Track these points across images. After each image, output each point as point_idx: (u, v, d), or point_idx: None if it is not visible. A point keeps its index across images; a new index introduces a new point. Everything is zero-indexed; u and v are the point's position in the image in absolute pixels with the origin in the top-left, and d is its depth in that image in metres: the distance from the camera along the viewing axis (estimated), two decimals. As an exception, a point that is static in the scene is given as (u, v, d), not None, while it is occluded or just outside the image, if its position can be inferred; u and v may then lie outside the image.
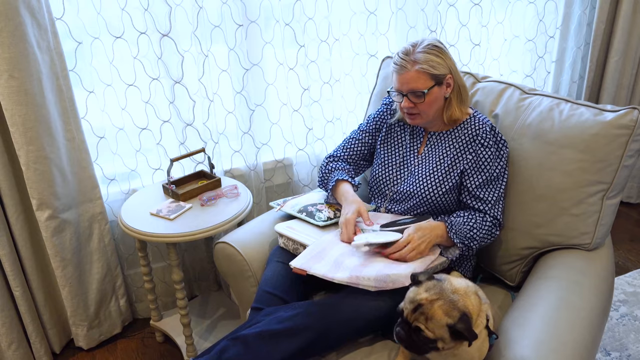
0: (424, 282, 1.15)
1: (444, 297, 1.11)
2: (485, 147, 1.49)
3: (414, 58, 1.44)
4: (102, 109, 1.88)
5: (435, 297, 1.11)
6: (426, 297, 1.11)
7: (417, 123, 1.56)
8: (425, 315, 1.10)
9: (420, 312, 1.10)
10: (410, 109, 1.50)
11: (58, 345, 2.02)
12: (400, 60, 1.46)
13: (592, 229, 1.44)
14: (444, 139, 1.56)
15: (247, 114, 2.05)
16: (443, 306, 1.09)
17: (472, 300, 1.13)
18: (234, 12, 1.88)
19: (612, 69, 2.60)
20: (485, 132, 1.49)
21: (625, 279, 2.29)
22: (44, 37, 1.62)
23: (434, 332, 1.09)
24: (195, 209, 1.76)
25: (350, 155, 1.71)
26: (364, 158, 1.73)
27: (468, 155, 1.50)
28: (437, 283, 1.14)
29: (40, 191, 1.72)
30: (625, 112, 1.38)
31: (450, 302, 1.10)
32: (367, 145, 1.71)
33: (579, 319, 1.23)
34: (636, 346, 1.93)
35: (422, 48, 1.45)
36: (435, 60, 1.45)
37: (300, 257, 1.39)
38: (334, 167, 1.68)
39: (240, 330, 1.31)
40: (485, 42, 2.40)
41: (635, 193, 2.90)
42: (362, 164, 1.74)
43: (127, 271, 2.14)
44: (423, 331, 1.10)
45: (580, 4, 2.49)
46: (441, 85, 1.48)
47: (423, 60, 1.44)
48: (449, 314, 1.09)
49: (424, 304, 1.10)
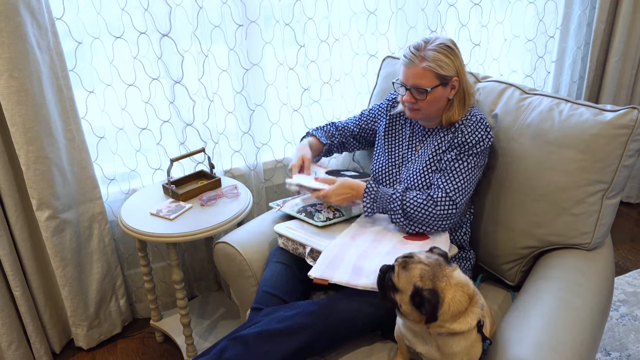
0: (434, 253, 1.20)
1: (432, 269, 1.14)
2: (463, 134, 1.48)
3: (423, 54, 1.44)
4: (102, 109, 1.88)
5: (426, 262, 1.15)
6: (420, 257, 1.16)
7: (414, 117, 1.57)
8: (405, 265, 1.15)
9: (404, 261, 1.16)
10: (411, 104, 1.50)
11: (58, 345, 2.03)
12: (409, 54, 1.46)
13: (592, 228, 1.44)
14: (441, 136, 1.56)
15: (247, 114, 2.05)
16: (424, 271, 1.13)
17: (456, 295, 1.12)
18: (234, 12, 1.88)
19: (612, 69, 2.60)
20: (479, 133, 1.48)
21: (625, 279, 2.29)
22: (44, 37, 1.62)
23: (399, 281, 1.14)
24: (195, 209, 1.76)
25: (344, 129, 1.80)
26: (355, 138, 1.80)
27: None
28: (441, 261, 1.17)
29: (40, 191, 1.72)
30: (624, 111, 1.38)
31: (434, 275, 1.13)
32: (359, 128, 1.78)
33: (579, 319, 1.23)
34: (636, 346, 1.93)
35: (434, 46, 1.44)
36: (444, 61, 1.44)
37: (317, 266, 1.37)
38: (323, 127, 1.81)
39: (240, 330, 1.31)
40: (485, 42, 2.40)
41: (635, 193, 2.90)
42: (352, 142, 1.81)
43: (127, 271, 2.14)
44: (393, 273, 1.15)
45: (580, 4, 2.49)
46: (446, 86, 1.47)
47: (432, 58, 1.43)
48: (423, 279, 1.12)
49: (414, 258, 1.16)
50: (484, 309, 1.22)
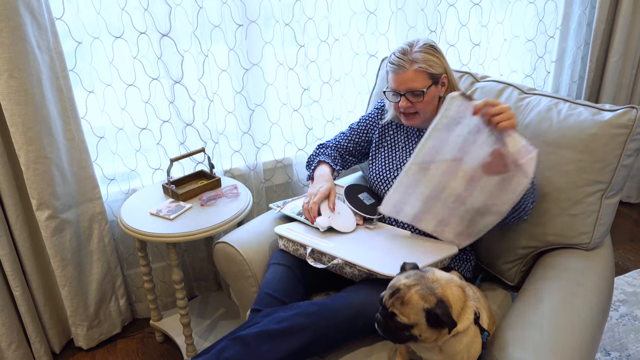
0: (407, 270, 1.15)
1: (422, 284, 1.10)
2: None
3: (412, 57, 1.45)
4: (102, 108, 1.88)
5: (413, 283, 1.10)
6: (404, 283, 1.11)
7: (413, 123, 1.56)
8: (401, 300, 1.09)
9: (396, 297, 1.10)
10: (407, 109, 1.51)
11: (58, 345, 2.03)
12: (397, 60, 1.47)
13: (591, 228, 1.44)
14: None
15: (247, 113, 2.05)
16: (420, 291, 1.09)
17: (454, 291, 1.12)
18: (233, 12, 1.88)
19: (611, 68, 2.61)
20: None
21: (625, 279, 2.29)
22: (44, 37, 1.62)
23: (409, 317, 1.09)
24: (195, 209, 1.76)
25: (338, 148, 1.78)
26: (351, 154, 1.78)
27: None
28: (419, 272, 1.14)
29: (40, 191, 1.72)
30: (623, 111, 1.38)
31: (429, 288, 1.10)
32: (353, 144, 1.76)
33: (579, 319, 1.22)
34: (636, 346, 1.93)
35: (419, 47, 1.46)
36: (432, 60, 1.46)
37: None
38: (322, 152, 1.76)
39: (240, 330, 1.31)
40: (485, 42, 2.40)
41: (635, 193, 2.90)
42: (349, 158, 1.79)
43: (127, 271, 2.14)
44: (397, 316, 1.09)
45: (580, 4, 2.49)
46: (437, 84, 1.50)
47: (421, 59, 1.45)
48: (425, 298, 1.08)
49: (401, 288, 1.10)
50: (477, 300, 1.22)
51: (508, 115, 1.25)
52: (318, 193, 1.55)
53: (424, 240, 1.52)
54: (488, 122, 1.27)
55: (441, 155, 1.37)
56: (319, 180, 1.63)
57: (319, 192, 1.55)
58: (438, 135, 1.35)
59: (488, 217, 1.40)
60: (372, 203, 1.65)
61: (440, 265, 1.45)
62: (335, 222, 1.52)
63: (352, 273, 1.39)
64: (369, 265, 1.33)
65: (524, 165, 1.26)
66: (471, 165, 1.34)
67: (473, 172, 1.35)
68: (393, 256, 1.39)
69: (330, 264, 1.39)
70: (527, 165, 1.26)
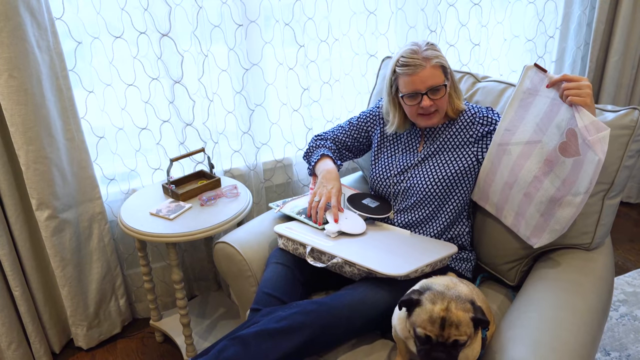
0: (423, 299, 1.13)
1: (450, 298, 1.10)
2: (486, 125, 1.53)
3: (425, 55, 1.46)
4: (102, 108, 1.88)
5: (446, 303, 1.09)
6: (441, 308, 1.09)
7: (432, 123, 1.54)
8: (454, 324, 1.08)
9: (448, 325, 1.08)
10: (429, 108, 1.50)
11: (58, 345, 2.03)
12: (412, 60, 1.46)
13: (592, 228, 1.44)
14: (441, 132, 1.58)
15: (247, 113, 2.05)
16: (458, 305, 1.09)
17: (464, 288, 1.14)
18: (233, 12, 1.88)
19: (611, 68, 2.61)
20: (482, 112, 1.55)
21: (625, 279, 2.29)
22: (44, 37, 1.62)
23: (467, 333, 1.08)
24: (195, 209, 1.76)
25: (335, 141, 1.77)
26: (348, 149, 1.78)
27: (470, 138, 1.54)
28: (433, 292, 1.13)
29: (40, 191, 1.72)
30: (625, 112, 1.38)
31: (457, 297, 1.10)
32: (352, 139, 1.76)
33: (579, 319, 1.22)
34: (636, 346, 1.93)
35: (426, 46, 1.48)
36: (440, 54, 1.50)
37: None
38: (321, 144, 1.75)
39: (239, 330, 1.31)
40: (485, 42, 2.40)
41: (635, 193, 2.90)
42: (346, 153, 1.79)
43: (126, 271, 2.14)
44: (459, 340, 1.08)
45: (580, 4, 2.49)
46: (448, 78, 1.51)
47: (433, 55, 1.47)
48: (465, 309, 1.09)
49: (445, 315, 1.09)
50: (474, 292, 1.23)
51: (580, 90, 1.21)
52: (332, 195, 1.54)
53: (423, 240, 1.52)
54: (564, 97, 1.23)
55: (518, 135, 1.35)
56: (327, 178, 1.61)
57: (332, 194, 1.54)
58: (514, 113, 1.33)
59: (562, 210, 1.33)
60: (377, 205, 1.64)
61: (440, 265, 1.45)
62: (345, 226, 1.51)
63: (351, 272, 1.39)
64: (369, 264, 1.33)
65: (592, 143, 1.19)
66: (548, 147, 1.30)
67: (549, 155, 1.30)
68: (393, 255, 1.39)
69: (329, 263, 1.39)
70: (595, 143, 1.19)
